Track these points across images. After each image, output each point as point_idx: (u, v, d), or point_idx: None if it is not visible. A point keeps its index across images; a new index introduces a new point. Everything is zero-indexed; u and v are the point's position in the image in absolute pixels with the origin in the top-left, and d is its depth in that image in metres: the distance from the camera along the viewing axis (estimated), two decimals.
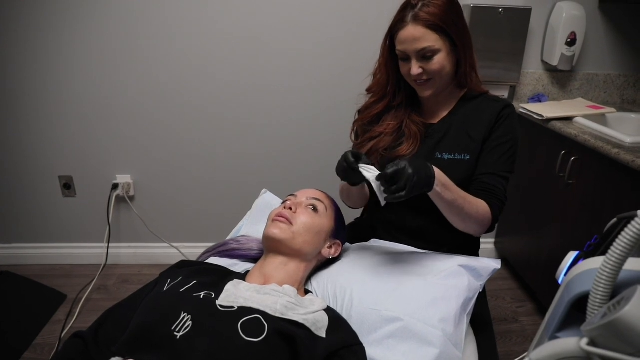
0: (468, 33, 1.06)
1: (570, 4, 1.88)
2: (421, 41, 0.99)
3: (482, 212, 1.01)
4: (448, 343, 0.85)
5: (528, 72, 2.01)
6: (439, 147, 1.11)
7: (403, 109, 1.15)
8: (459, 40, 1.02)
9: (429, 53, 1.00)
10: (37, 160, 2.04)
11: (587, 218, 1.58)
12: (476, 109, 1.11)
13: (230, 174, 2.11)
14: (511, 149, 1.07)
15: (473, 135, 1.08)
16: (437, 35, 0.99)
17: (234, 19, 1.86)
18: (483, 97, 1.13)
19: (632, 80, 2.06)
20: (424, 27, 0.98)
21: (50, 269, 2.17)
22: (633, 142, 1.41)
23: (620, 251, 0.47)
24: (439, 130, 1.12)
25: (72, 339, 0.86)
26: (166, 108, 1.98)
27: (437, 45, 1.00)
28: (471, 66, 1.09)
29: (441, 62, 1.01)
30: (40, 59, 1.88)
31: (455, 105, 1.14)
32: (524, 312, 1.96)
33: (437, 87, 1.06)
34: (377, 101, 1.18)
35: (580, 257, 0.65)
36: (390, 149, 1.13)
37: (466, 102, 1.13)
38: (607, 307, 0.46)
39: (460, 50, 1.04)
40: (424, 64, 1.02)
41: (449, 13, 0.99)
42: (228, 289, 0.87)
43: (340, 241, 1.07)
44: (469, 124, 1.10)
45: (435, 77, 1.04)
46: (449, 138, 1.11)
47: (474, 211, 0.99)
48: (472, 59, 1.09)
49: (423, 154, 1.11)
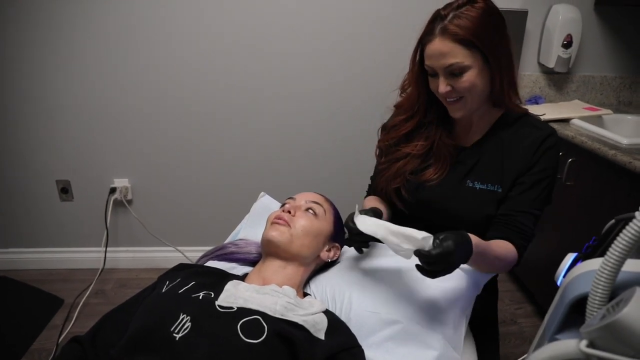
0: (507, 48, 0.95)
1: (566, 7, 1.89)
2: (448, 57, 0.90)
3: (510, 260, 0.95)
4: (447, 345, 0.85)
5: (525, 75, 2.02)
6: (471, 175, 1.02)
7: (434, 128, 1.05)
8: (492, 56, 0.92)
9: (457, 70, 0.91)
10: (35, 164, 2.03)
11: (585, 219, 1.58)
12: (515, 134, 1.01)
13: (228, 177, 2.11)
14: (549, 184, 0.99)
15: (508, 166, 0.99)
16: (468, 50, 0.89)
17: (232, 24, 1.86)
18: (523, 120, 1.02)
19: (627, 81, 2.07)
20: (453, 41, 0.89)
21: (48, 273, 2.16)
22: (630, 144, 1.41)
23: (619, 252, 0.47)
24: (471, 156, 1.03)
25: (70, 344, 0.85)
26: (164, 112, 1.98)
27: (466, 61, 0.90)
28: (509, 84, 0.98)
29: (471, 79, 0.92)
30: (38, 63, 1.87)
31: (491, 127, 1.04)
32: (523, 314, 1.96)
33: (469, 107, 0.97)
34: (406, 119, 1.08)
35: (578, 258, 0.65)
36: (416, 172, 1.06)
37: (503, 125, 1.02)
38: (606, 309, 0.46)
39: (494, 67, 0.93)
40: (453, 81, 0.93)
41: (483, 26, 0.89)
42: (228, 288, 0.86)
43: (339, 244, 1.07)
44: (506, 152, 1.00)
45: (466, 96, 0.95)
46: (482, 165, 1.02)
47: (502, 264, 0.94)
48: (511, 76, 0.98)
49: (452, 180, 1.04)
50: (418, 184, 1.06)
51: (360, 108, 1.99)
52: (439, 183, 1.04)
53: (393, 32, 1.88)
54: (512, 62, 0.97)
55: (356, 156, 2.00)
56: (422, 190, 1.06)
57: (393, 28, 1.87)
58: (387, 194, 1.12)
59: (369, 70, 1.95)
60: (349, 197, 1.40)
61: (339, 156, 2.10)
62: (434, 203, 1.05)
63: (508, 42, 0.95)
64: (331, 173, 2.12)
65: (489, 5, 0.93)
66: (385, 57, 1.91)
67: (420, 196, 1.07)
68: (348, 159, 2.07)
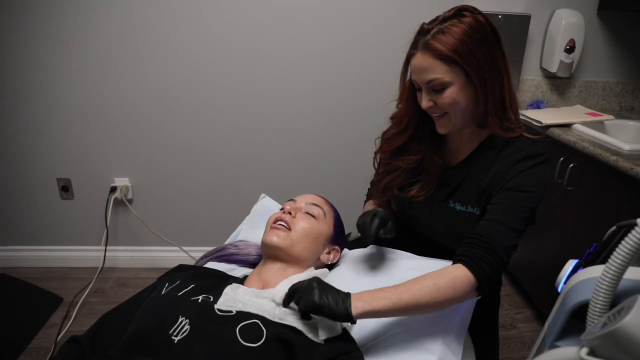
0: (495, 65, 0.89)
1: (569, 11, 1.88)
2: (429, 72, 0.88)
3: (459, 287, 0.82)
4: (447, 351, 0.85)
5: (527, 79, 2.02)
6: (453, 196, 1.01)
7: (426, 143, 1.03)
8: (476, 74, 0.87)
9: (438, 86, 0.89)
10: (35, 162, 2.03)
11: (585, 225, 1.58)
12: (497, 156, 0.96)
13: (229, 178, 2.11)
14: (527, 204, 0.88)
15: (485, 187, 0.96)
16: (448, 66, 0.87)
17: (234, 24, 1.86)
18: (513, 141, 0.95)
19: (630, 87, 2.06)
20: (433, 57, 0.87)
21: (47, 271, 2.16)
22: (632, 150, 1.41)
23: (621, 260, 0.46)
24: (456, 176, 1.01)
25: (68, 344, 0.85)
26: (165, 111, 1.98)
27: (446, 77, 0.87)
28: (496, 104, 0.91)
29: (453, 96, 0.89)
30: (39, 61, 1.87)
31: (477, 148, 1.00)
32: (522, 318, 1.96)
33: (453, 123, 0.94)
34: (399, 132, 1.06)
35: (579, 265, 0.65)
36: (404, 188, 1.05)
37: (490, 146, 0.98)
38: (607, 317, 0.45)
39: (478, 85, 0.88)
40: (435, 97, 0.91)
41: (467, 43, 0.85)
42: (227, 292, 0.86)
43: (339, 247, 1.07)
44: (483, 173, 0.97)
45: (450, 112, 0.92)
46: (464, 186, 1.00)
47: (445, 296, 0.81)
48: (499, 95, 0.91)
49: (436, 199, 1.03)
50: (405, 199, 1.07)
51: (362, 110, 1.99)
52: (425, 200, 1.04)
53: (398, 34, 1.86)
54: (504, 81, 0.92)
55: (357, 158, 2.00)
56: (409, 207, 1.07)
57: (398, 30, 1.87)
58: (381, 205, 1.14)
59: (372, 72, 1.95)
60: (350, 199, 1.41)
61: (340, 158, 2.09)
62: (420, 219, 1.07)
63: (498, 59, 0.90)
64: (332, 175, 2.12)
65: (477, 20, 0.88)
66: (389, 59, 1.90)
67: (407, 212, 1.08)
68: (349, 161, 2.07)
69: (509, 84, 0.93)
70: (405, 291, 0.80)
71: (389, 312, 0.80)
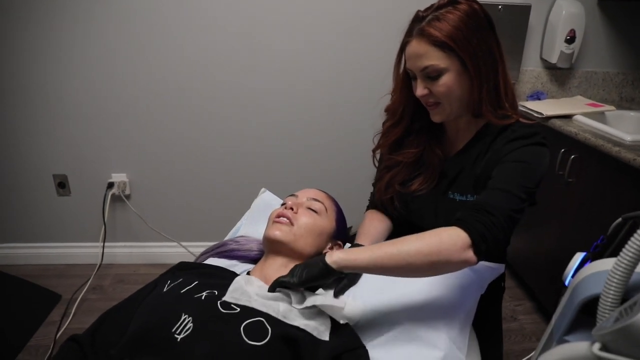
0: (490, 53, 0.89)
1: (570, 2, 1.87)
2: (424, 59, 0.88)
3: (453, 244, 0.78)
4: (452, 346, 0.84)
5: (527, 70, 2.01)
6: (453, 187, 1.00)
7: (424, 134, 1.03)
8: (470, 61, 0.87)
9: (433, 73, 0.89)
10: (31, 158, 2.01)
11: (586, 217, 1.58)
12: (492, 142, 0.96)
13: (228, 173, 2.09)
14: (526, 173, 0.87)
15: (481, 173, 0.96)
16: (444, 53, 0.87)
17: (232, 18, 1.84)
18: (510, 128, 0.94)
19: (630, 78, 2.05)
20: (428, 43, 0.87)
21: (45, 269, 2.15)
22: (633, 141, 1.40)
23: (633, 253, 0.45)
24: (452, 167, 1.01)
25: (68, 343, 0.84)
26: (162, 106, 1.96)
27: (442, 64, 0.87)
28: (490, 93, 0.91)
29: (448, 83, 0.89)
30: (35, 57, 1.85)
31: (474, 136, 1.00)
32: (523, 310, 1.96)
33: (448, 112, 0.94)
34: (394, 125, 1.05)
35: (587, 258, 0.64)
36: (406, 183, 1.04)
37: (484, 136, 0.98)
38: (619, 311, 0.44)
39: (472, 72, 0.89)
40: (430, 85, 0.91)
41: (462, 29, 0.86)
42: (237, 280, 0.85)
43: (342, 242, 1.06)
44: (479, 160, 0.97)
45: (444, 101, 0.92)
46: (463, 176, 0.99)
47: (434, 255, 0.78)
48: (493, 83, 0.91)
49: (438, 192, 1.02)
50: (407, 195, 1.06)
51: (362, 103, 1.97)
52: (427, 194, 1.03)
53: (396, 27, 1.84)
54: (498, 69, 0.91)
55: (358, 152, 1.97)
56: (412, 201, 1.06)
57: (396, 22, 1.84)
58: (383, 204, 1.12)
59: (372, 65, 1.93)
60: (351, 194, 1.39)
61: (341, 152, 2.08)
62: (424, 213, 1.05)
63: (492, 47, 0.90)
64: (333, 169, 2.10)
65: (473, 7, 0.88)
66: (388, 52, 1.88)
67: (410, 207, 1.07)
68: (350, 155, 2.06)
69: (504, 72, 0.93)
70: (388, 244, 0.81)
71: (370, 263, 0.79)
